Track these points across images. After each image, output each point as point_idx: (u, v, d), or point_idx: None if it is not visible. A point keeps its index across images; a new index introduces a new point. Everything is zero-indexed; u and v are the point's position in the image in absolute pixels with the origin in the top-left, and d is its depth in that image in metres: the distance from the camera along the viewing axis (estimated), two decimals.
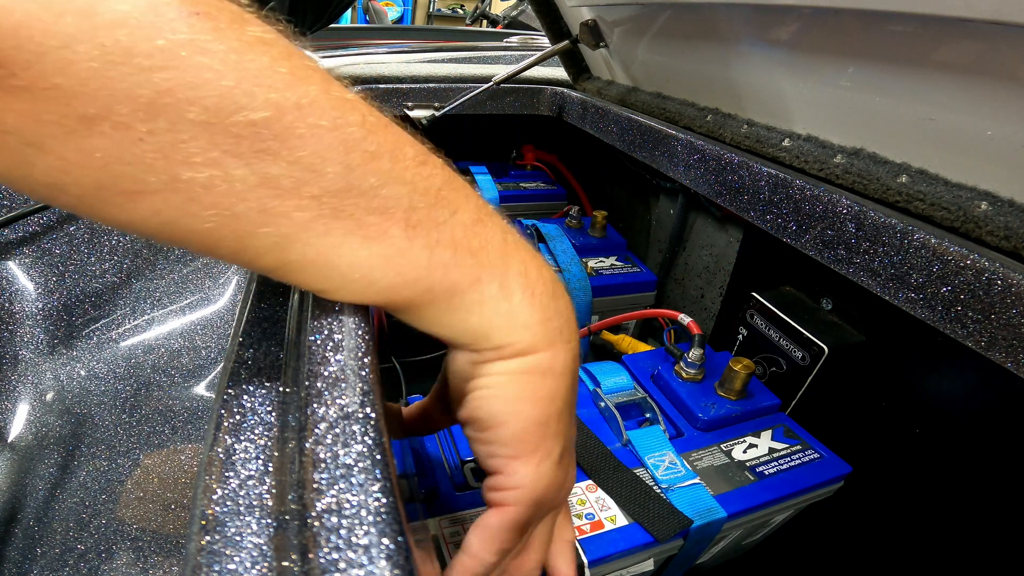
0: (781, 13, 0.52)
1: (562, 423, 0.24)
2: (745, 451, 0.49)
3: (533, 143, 1.18)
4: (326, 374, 0.21)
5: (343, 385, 0.20)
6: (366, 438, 0.19)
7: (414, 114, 0.91)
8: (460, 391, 0.25)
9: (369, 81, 0.92)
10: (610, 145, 0.83)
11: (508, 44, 1.48)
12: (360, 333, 0.22)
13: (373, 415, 0.19)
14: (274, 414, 0.21)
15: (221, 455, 0.20)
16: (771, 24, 0.54)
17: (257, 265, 0.20)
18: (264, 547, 0.17)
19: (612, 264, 0.82)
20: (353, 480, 0.17)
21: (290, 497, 0.18)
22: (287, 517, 0.17)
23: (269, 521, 0.18)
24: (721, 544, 0.50)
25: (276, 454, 0.20)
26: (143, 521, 0.45)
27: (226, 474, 0.19)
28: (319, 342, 0.22)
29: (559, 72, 1.02)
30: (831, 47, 0.49)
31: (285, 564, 0.16)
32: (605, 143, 0.84)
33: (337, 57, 1.12)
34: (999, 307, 0.35)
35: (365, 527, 0.16)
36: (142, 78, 0.15)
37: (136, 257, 0.58)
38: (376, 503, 0.17)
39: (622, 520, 0.42)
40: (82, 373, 0.52)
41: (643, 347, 0.74)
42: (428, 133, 0.89)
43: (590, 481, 0.44)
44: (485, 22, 2.98)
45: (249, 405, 0.22)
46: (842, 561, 0.60)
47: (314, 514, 0.17)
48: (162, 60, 0.15)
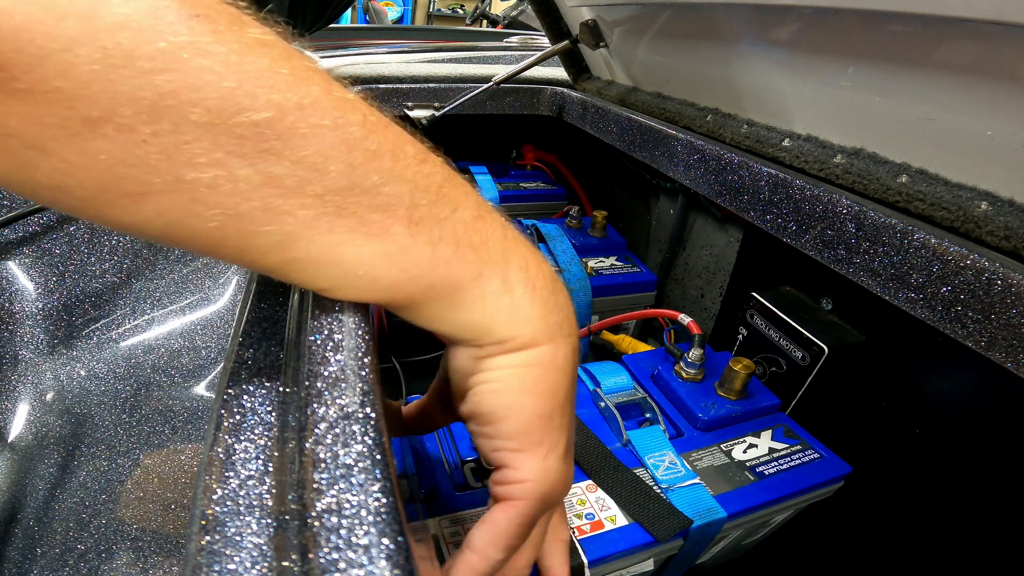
0: (781, 13, 0.52)
1: (565, 417, 0.24)
2: (745, 451, 0.49)
3: (533, 143, 1.18)
4: (326, 374, 0.21)
5: (343, 385, 0.20)
6: (366, 438, 0.19)
7: (414, 114, 0.91)
8: (462, 387, 0.25)
9: (369, 81, 0.92)
10: (610, 145, 0.83)
11: (508, 44, 1.48)
12: (360, 333, 0.22)
13: (373, 415, 0.19)
14: (274, 414, 0.21)
15: (221, 455, 0.20)
16: (771, 24, 0.54)
17: (260, 264, 0.20)
18: (264, 547, 0.17)
19: (612, 264, 0.82)
20: (353, 480, 0.17)
21: (290, 497, 0.18)
22: (287, 517, 0.17)
23: (269, 521, 0.18)
24: (721, 544, 0.50)
25: (276, 454, 0.20)
26: (143, 521, 0.45)
27: (226, 474, 0.19)
28: (319, 342, 0.22)
29: (559, 72, 1.02)
30: (831, 47, 0.49)
31: (285, 564, 0.16)
32: (605, 143, 0.84)
33: (337, 57, 1.12)
34: (999, 307, 0.35)
35: (365, 527, 0.16)
36: (144, 80, 0.15)
37: (136, 257, 0.58)
38: (376, 503, 0.17)
39: (622, 520, 0.42)
40: (82, 373, 0.52)
41: (643, 347, 0.74)
42: (428, 133, 0.89)
43: (590, 481, 0.44)
44: (485, 22, 2.98)
45: (249, 405, 0.22)
46: (842, 561, 0.60)
47: (314, 514, 0.17)
48: (164, 62, 0.15)
